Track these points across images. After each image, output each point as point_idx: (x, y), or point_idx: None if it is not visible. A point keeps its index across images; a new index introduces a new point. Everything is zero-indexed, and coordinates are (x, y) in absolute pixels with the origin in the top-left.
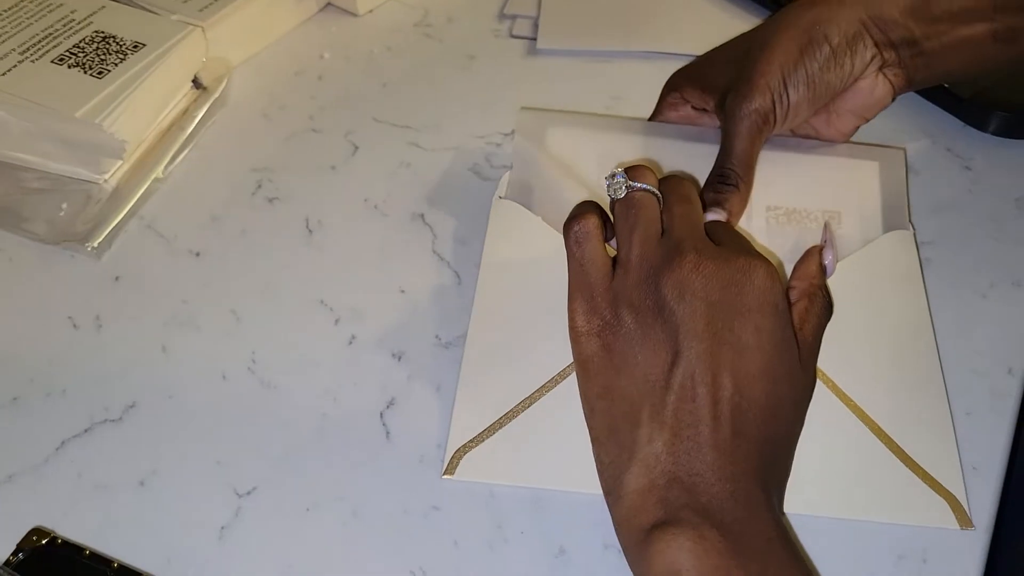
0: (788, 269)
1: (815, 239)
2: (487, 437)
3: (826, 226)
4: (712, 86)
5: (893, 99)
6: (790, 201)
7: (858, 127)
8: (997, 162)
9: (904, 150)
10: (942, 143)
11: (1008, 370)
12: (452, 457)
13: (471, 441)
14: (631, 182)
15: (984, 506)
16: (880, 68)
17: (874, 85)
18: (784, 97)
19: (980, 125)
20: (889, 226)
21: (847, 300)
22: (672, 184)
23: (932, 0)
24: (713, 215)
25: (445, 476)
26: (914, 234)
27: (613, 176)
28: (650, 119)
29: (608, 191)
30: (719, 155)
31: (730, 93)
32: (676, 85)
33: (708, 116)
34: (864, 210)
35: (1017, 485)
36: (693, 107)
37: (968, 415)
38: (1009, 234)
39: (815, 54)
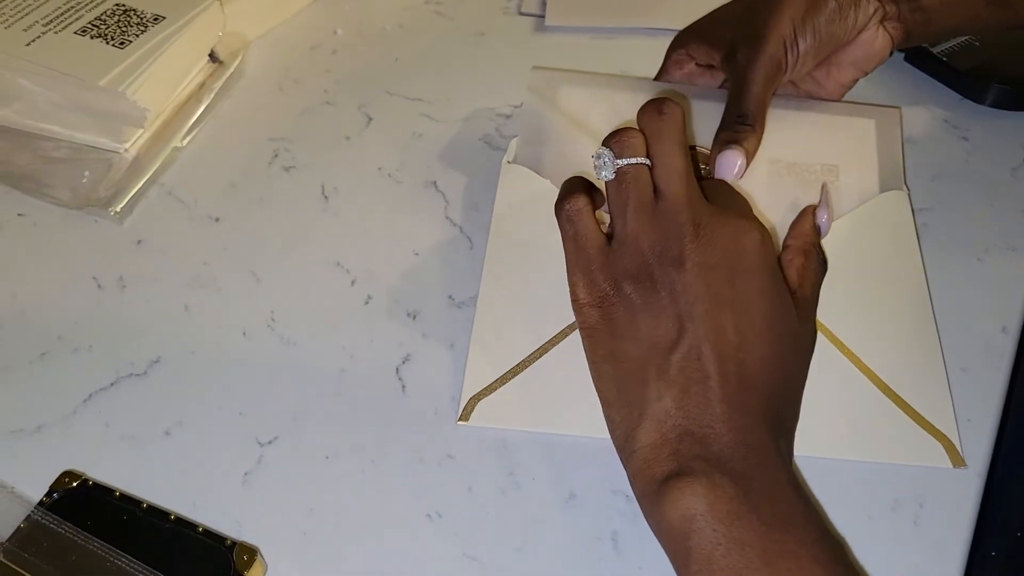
0: (789, 219)
1: (814, 191)
2: (499, 386)
3: (823, 187)
4: (719, 41)
5: (891, 53)
6: (791, 155)
7: (856, 80)
8: (994, 133)
9: (900, 109)
10: (940, 115)
11: (1002, 328)
12: (466, 405)
13: (484, 390)
14: (617, 160)
15: (978, 453)
16: (881, 21)
17: (874, 37)
18: (795, 46)
19: (977, 97)
20: (885, 180)
21: (845, 256)
22: (661, 137)
23: None
24: (732, 152)
25: (459, 423)
26: (909, 194)
27: (599, 155)
28: (656, 78)
29: (596, 172)
30: (733, 100)
31: (742, 44)
32: (682, 42)
33: (711, 74)
34: (861, 165)
35: (1010, 433)
36: (698, 64)
37: (963, 371)
38: (1005, 201)
39: (822, 7)
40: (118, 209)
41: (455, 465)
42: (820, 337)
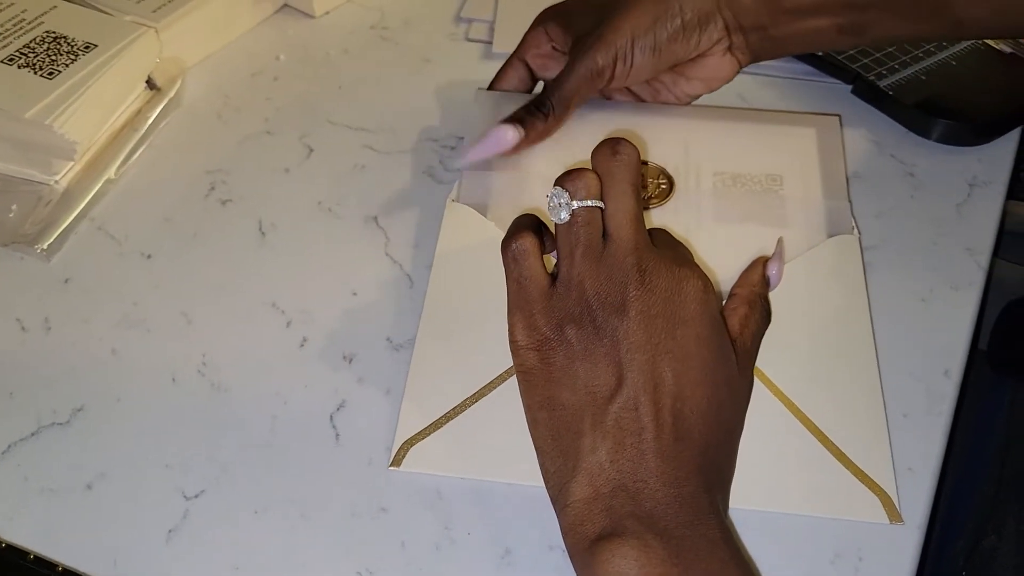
0: (738, 232)
1: (760, 202)
2: (433, 431)
3: (779, 241)
4: (575, 28)
5: (735, 75)
6: (735, 166)
7: (701, 95)
8: (940, 168)
9: (839, 116)
10: (887, 149)
11: (944, 372)
12: (399, 450)
13: (418, 435)
14: (571, 202)
15: (919, 505)
16: (728, 48)
17: (720, 62)
18: (629, 58)
19: (923, 132)
20: (828, 189)
21: (789, 301)
22: (613, 179)
23: None
24: (507, 127)
25: (391, 468)
26: (859, 238)
27: (554, 196)
28: (514, 54)
29: (550, 214)
30: (547, 84)
31: (583, 40)
32: (544, 19)
33: (556, 63)
34: (804, 174)
35: (950, 485)
36: (554, 47)
37: (905, 417)
38: (949, 239)
39: (666, 25)
40: (45, 246)
41: (389, 519)
42: (759, 385)
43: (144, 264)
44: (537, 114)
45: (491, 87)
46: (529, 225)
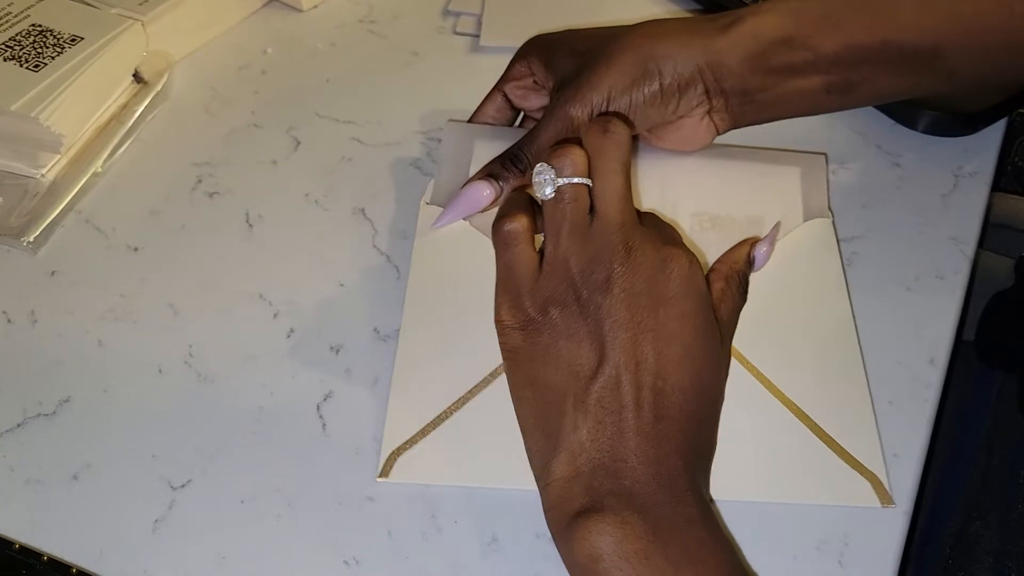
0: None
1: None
2: (420, 439)
3: (776, 225)
4: (556, 70)
5: (713, 140)
6: (715, 207)
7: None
8: (925, 159)
9: (825, 155)
10: (872, 140)
11: (930, 360)
12: (387, 459)
13: (405, 443)
14: (557, 179)
15: (905, 491)
16: (708, 112)
17: (698, 126)
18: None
19: (909, 123)
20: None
21: (770, 287)
22: (603, 156)
23: (770, 53)
24: (483, 184)
25: (380, 479)
26: (833, 222)
27: (540, 172)
28: (496, 87)
29: (536, 190)
30: (522, 139)
31: (563, 88)
32: (527, 53)
33: (536, 96)
34: (787, 215)
35: (937, 473)
36: (535, 81)
37: (891, 404)
38: (935, 228)
39: (644, 88)
40: (31, 239)
41: (375, 509)
42: (742, 370)
43: (131, 256)
44: (513, 169)
45: (471, 119)
46: (522, 205)
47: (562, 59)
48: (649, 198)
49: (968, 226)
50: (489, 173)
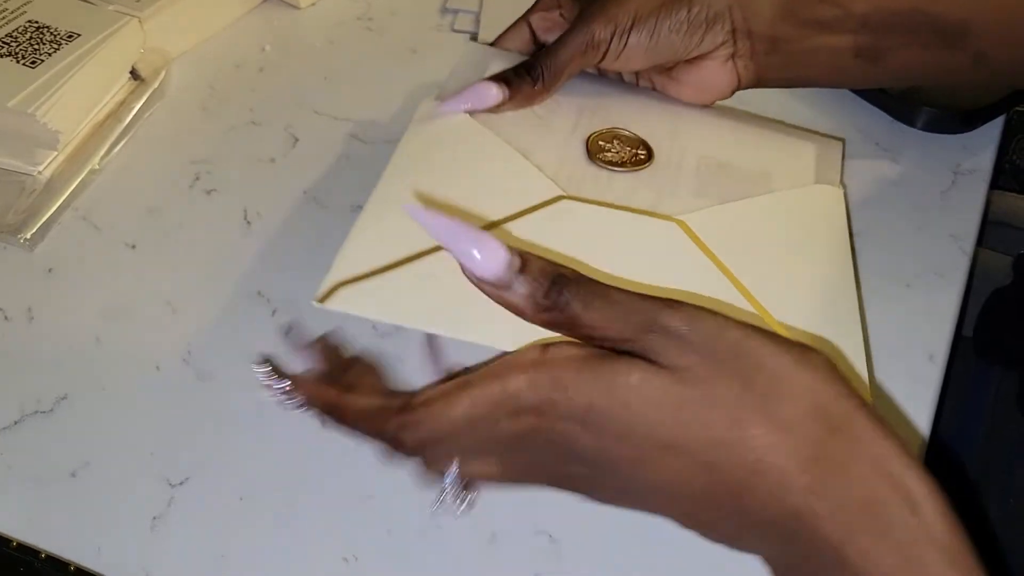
0: (706, 206)
1: (739, 189)
2: (376, 276)
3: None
4: None
5: (733, 92)
6: (723, 155)
7: (696, 104)
8: (924, 156)
9: (843, 141)
10: (872, 137)
11: (929, 356)
12: (333, 287)
13: (359, 276)
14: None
15: None
16: (732, 56)
17: (719, 70)
18: (624, 38)
19: (908, 120)
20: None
21: (771, 237)
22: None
23: (803, 4)
24: (492, 85)
25: (315, 303)
26: (845, 194)
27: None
28: (521, 17)
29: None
30: (542, 49)
31: (587, 9)
32: None
33: (561, 29)
34: (795, 180)
35: (934, 467)
36: (561, 14)
37: (890, 401)
38: (934, 225)
39: (671, 14)
40: (28, 236)
41: (374, 505)
42: (742, 299)
43: (128, 254)
44: (526, 78)
45: (494, 45)
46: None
47: None
48: (658, 137)
49: (967, 223)
50: (502, 77)
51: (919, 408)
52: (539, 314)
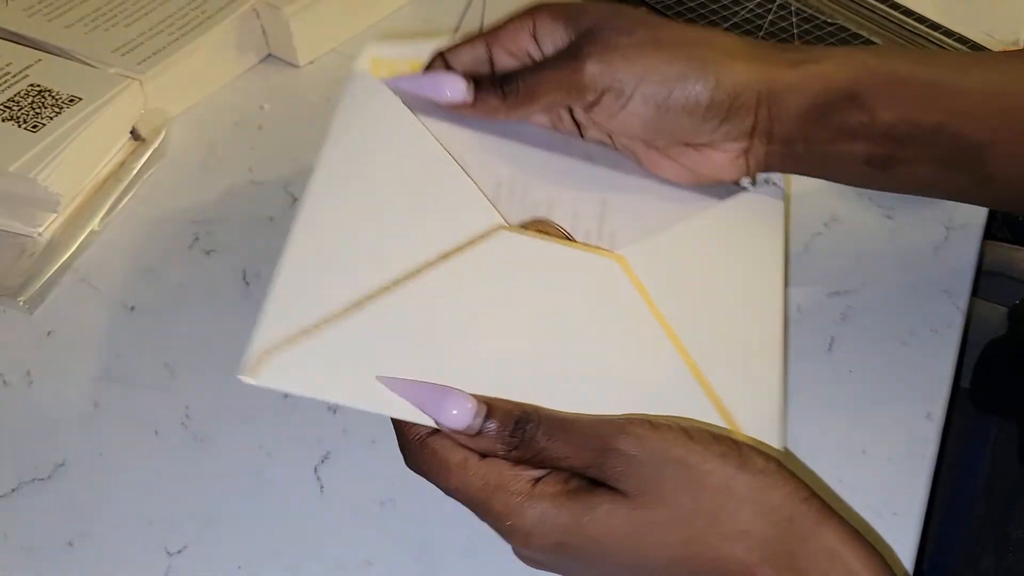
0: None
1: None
2: (305, 339)
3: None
4: (577, 22)
5: (734, 182)
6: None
7: (678, 183)
8: (917, 213)
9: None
10: (865, 194)
11: (927, 415)
12: (259, 356)
13: (287, 340)
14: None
15: (905, 551)
16: (744, 153)
17: (726, 163)
18: (624, 98)
19: None
20: None
21: (701, 255)
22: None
23: (834, 106)
24: (462, 85)
25: (242, 378)
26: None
27: None
28: (482, 35)
29: None
30: (529, 66)
31: (588, 42)
32: (537, 13)
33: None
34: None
35: (935, 525)
36: (529, 53)
37: (889, 461)
38: (928, 281)
39: (689, 87)
40: (27, 298)
41: (373, 572)
42: (656, 325)
43: (127, 316)
44: (497, 90)
45: (442, 51)
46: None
47: (589, 16)
48: (585, 234)
49: (960, 279)
50: (474, 78)
51: (919, 467)
52: (510, 452)
